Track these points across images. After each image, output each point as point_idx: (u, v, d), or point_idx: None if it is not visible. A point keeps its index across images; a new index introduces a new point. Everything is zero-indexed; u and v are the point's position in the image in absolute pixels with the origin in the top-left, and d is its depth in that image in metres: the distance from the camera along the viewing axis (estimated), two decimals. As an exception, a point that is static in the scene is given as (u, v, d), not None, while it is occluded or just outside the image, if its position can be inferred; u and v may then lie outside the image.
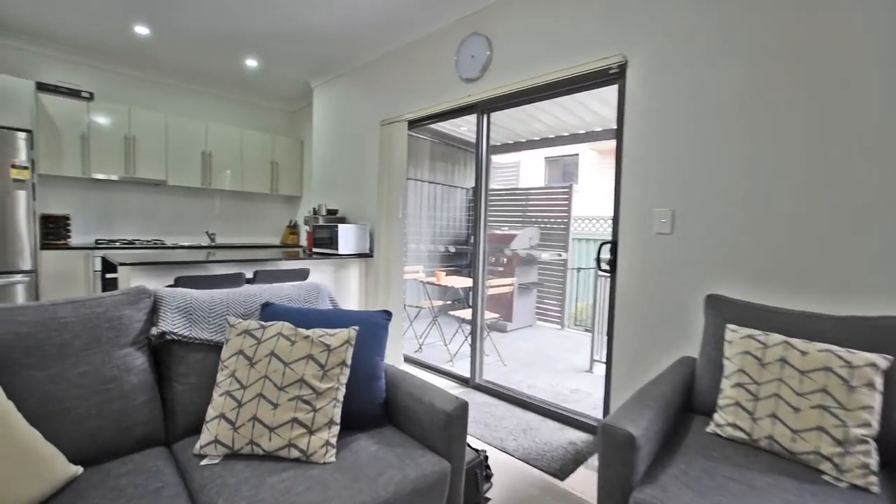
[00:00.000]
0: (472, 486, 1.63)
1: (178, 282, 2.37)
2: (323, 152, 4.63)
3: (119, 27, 3.66)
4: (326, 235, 3.76)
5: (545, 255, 5.47)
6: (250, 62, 4.34)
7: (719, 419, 1.44)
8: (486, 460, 1.77)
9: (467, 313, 3.47)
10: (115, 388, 1.24)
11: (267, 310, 1.56)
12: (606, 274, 2.37)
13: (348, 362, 1.35)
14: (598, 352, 3.75)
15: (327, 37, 3.67)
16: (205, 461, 1.22)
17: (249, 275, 2.78)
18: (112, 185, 4.51)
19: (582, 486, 1.96)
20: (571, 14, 2.44)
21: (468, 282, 4.34)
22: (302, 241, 5.53)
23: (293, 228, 5.70)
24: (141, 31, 3.71)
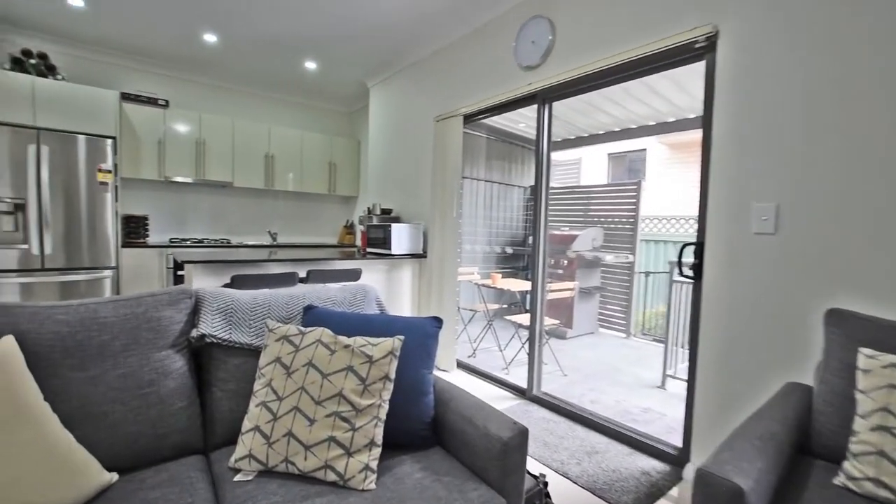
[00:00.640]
0: (531, 521, 1.43)
1: (233, 280, 2.39)
2: (378, 151, 4.60)
3: (189, 36, 3.84)
4: (380, 235, 3.70)
5: (609, 257, 5.08)
6: (309, 64, 4.41)
7: (853, 470, 1.13)
8: (546, 487, 1.55)
9: (524, 318, 3.25)
10: (152, 393, 1.18)
11: (309, 314, 1.45)
12: (689, 280, 2.06)
13: (392, 376, 1.21)
14: (671, 366, 3.37)
15: (384, 32, 3.60)
16: (238, 476, 1.13)
17: (303, 274, 2.77)
18: (185, 187, 4.78)
19: (660, 527, 1.69)
20: (648, -16, 2.16)
21: (525, 285, 4.10)
22: (357, 241, 5.57)
23: (349, 228, 5.75)
24: (209, 38, 3.87)
